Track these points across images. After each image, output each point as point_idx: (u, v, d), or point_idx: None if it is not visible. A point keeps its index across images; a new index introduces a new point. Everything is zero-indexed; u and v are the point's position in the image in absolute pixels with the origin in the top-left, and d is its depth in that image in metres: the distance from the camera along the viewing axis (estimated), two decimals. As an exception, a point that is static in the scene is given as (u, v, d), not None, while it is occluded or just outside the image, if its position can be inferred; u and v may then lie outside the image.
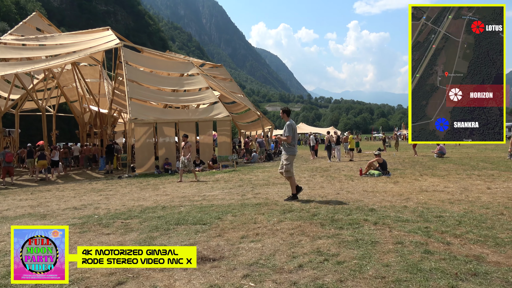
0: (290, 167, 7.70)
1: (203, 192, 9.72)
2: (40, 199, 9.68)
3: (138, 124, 16.59)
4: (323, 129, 79.58)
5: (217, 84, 23.23)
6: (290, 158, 7.71)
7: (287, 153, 7.70)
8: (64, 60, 16.70)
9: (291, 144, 7.64)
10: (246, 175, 14.06)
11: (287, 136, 7.60)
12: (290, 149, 7.70)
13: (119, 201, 8.59)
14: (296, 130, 7.82)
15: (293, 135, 7.64)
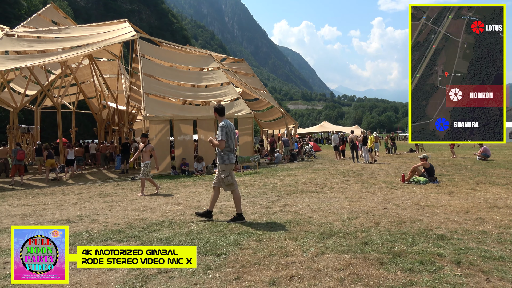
0: (231, 179, 6.21)
1: (221, 200, 8.32)
2: (38, 205, 8.54)
3: (153, 121, 15.40)
4: (346, 128, 77.11)
5: (238, 80, 21.85)
6: (228, 167, 6.21)
7: (222, 162, 6.20)
8: (77, 53, 15.71)
9: (226, 150, 6.18)
10: (270, 178, 12.60)
11: (219, 140, 6.11)
12: (225, 156, 6.19)
13: (122, 212, 7.30)
14: (234, 131, 6.31)
15: (229, 138, 6.17)
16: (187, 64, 19.83)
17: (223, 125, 6.14)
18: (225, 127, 6.12)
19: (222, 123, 6.17)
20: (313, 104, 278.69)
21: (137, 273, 3.84)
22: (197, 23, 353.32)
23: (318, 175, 13.32)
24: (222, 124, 6.15)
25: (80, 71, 24.16)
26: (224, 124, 6.15)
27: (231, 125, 6.27)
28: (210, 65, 20.27)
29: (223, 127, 6.12)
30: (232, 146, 6.26)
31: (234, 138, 6.30)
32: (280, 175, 13.70)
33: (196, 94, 19.20)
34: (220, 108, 6.33)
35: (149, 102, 15.95)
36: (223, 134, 6.08)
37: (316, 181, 11.40)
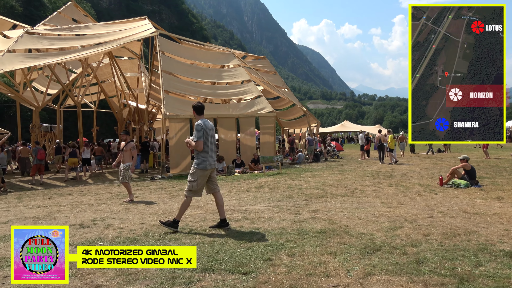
0: (196, 186, 5.52)
1: (244, 204, 7.71)
2: (53, 207, 8.15)
3: (172, 120, 14.96)
4: (367, 127, 75.23)
5: (260, 77, 21.23)
6: (198, 173, 5.51)
7: (195, 165, 5.57)
8: (97, 50, 15.44)
9: (203, 153, 5.49)
10: (294, 180, 11.91)
11: (196, 141, 5.44)
12: (199, 160, 5.52)
13: (139, 216, 6.79)
14: (212, 132, 5.62)
15: (207, 139, 5.47)
16: (207, 61, 19.35)
17: (199, 124, 5.43)
18: (201, 127, 5.41)
19: (199, 122, 5.48)
20: (333, 104, 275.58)
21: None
22: (217, 23, 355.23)
23: (345, 176, 12.54)
24: (198, 124, 5.45)
25: (101, 70, 24.10)
26: (201, 123, 5.44)
27: (209, 125, 5.58)
28: (231, 62, 19.72)
29: (199, 127, 5.41)
30: (211, 150, 5.55)
31: (213, 140, 5.61)
32: (304, 176, 12.99)
33: (217, 92, 18.69)
34: (198, 106, 5.67)
35: (168, 100, 15.53)
36: (200, 135, 5.39)
37: (345, 183, 10.65)
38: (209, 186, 5.78)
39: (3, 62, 13.29)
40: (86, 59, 19.86)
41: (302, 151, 21.61)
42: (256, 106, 18.07)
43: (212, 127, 5.64)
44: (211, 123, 5.71)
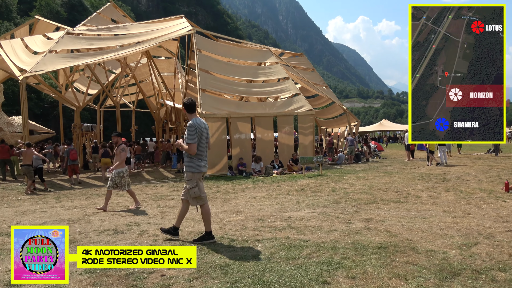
0: (198, 191, 5.00)
1: (287, 210, 7.09)
2: (89, 209, 7.94)
3: (209, 119, 14.59)
4: (405, 126, 71.97)
5: (298, 75, 20.49)
6: (195, 176, 4.98)
7: (189, 169, 4.99)
8: (134, 49, 15.40)
9: (196, 155, 4.94)
10: (338, 182, 11.13)
11: (188, 143, 4.85)
12: (192, 163, 4.97)
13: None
14: (206, 132, 5.05)
15: (200, 141, 4.94)
16: (244, 58, 18.89)
17: (192, 125, 4.88)
18: (194, 127, 4.86)
19: (190, 122, 4.92)
20: (370, 102, 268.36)
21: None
22: (251, 22, 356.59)
23: (393, 179, 11.59)
24: (190, 124, 4.89)
25: (139, 70, 24.34)
26: (193, 123, 4.89)
27: (202, 124, 5.02)
28: (268, 59, 19.14)
29: (192, 128, 4.86)
30: (204, 151, 5.04)
31: (206, 141, 5.05)
32: (348, 178, 12.16)
33: (253, 90, 18.20)
34: (189, 104, 5.08)
35: (205, 99, 15.20)
36: (192, 136, 4.84)
37: (394, 187, 9.75)
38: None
39: (45, 62, 13.50)
40: (125, 59, 20.04)
41: (343, 152, 20.64)
42: (294, 104, 17.39)
43: (206, 127, 5.09)
44: (205, 122, 5.14)
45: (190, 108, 5.08)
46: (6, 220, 6.93)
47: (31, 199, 9.70)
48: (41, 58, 13.59)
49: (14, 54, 15.20)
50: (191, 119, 5.00)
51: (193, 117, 5.04)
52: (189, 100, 5.13)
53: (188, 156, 4.98)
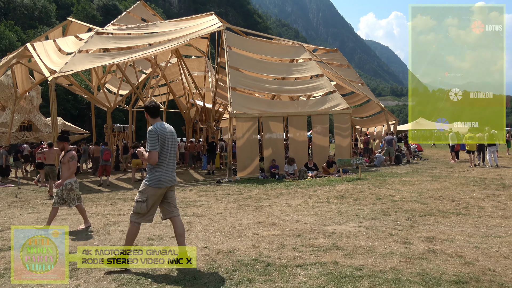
0: (145, 208, 4.23)
1: (329, 222, 6.19)
2: (112, 216, 7.39)
3: (240, 119, 13.88)
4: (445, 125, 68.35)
5: (332, 72, 19.40)
6: (149, 191, 4.24)
7: (146, 181, 4.29)
8: (163, 47, 14.95)
9: (157, 166, 4.24)
10: (381, 188, 10.06)
11: (149, 152, 4.16)
12: (151, 174, 4.27)
13: (202, 235, 5.62)
14: (171, 139, 4.36)
15: (163, 149, 4.24)
16: (276, 55, 18.03)
17: (152, 130, 4.21)
18: (155, 133, 4.19)
19: (151, 128, 4.24)
20: (404, 100, 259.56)
21: None
22: (282, 21, 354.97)
23: (444, 184, 10.37)
24: (151, 129, 4.22)
25: (169, 70, 24.07)
26: (154, 128, 4.22)
27: (166, 130, 4.32)
28: (301, 56, 18.18)
29: (152, 133, 4.19)
30: (168, 160, 4.31)
31: (172, 149, 4.35)
32: (391, 183, 11.04)
33: (286, 88, 17.31)
34: (152, 107, 4.38)
35: (235, 98, 14.50)
36: (153, 143, 4.15)
37: (449, 195, 8.59)
38: (165, 209, 4.49)
39: (74, 62, 13.29)
40: (155, 59, 19.75)
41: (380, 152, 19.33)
42: (329, 102, 16.36)
43: (171, 133, 4.39)
44: (170, 128, 4.45)
45: (153, 112, 4.39)
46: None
47: (56, 204, 9.34)
48: (70, 58, 13.39)
49: (46, 55, 15.16)
50: (153, 124, 4.31)
51: (156, 121, 4.36)
52: (151, 102, 4.43)
53: (149, 167, 4.27)
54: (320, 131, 15.55)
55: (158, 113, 4.43)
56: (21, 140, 28.42)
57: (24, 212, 8.22)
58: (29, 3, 65.16)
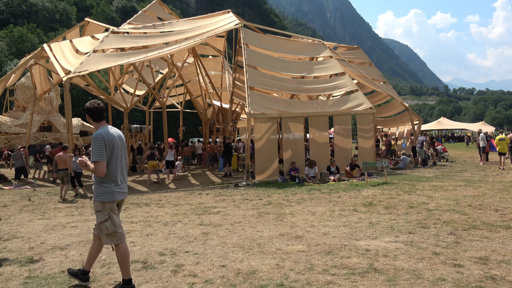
0: (112, 226, 3.70)
1: (360, 235, 5.53)
2: (124, 224, 6.92)
3: (259, 119, 13.31)
4: (469, 125, 66.15)
5: (354, 70, 18.61)
6: (107, 207, 3.70)
7: (98, 197, 3.72)
8: (179, 46, 14.52)
9: (107, 177, 3.68)
10: (411, 194, 9.31)
11: (94, 162, 3.62)
12: (102, 188, 3.70)
13: (219, 250, 5.06)
14: (120, 146, 3.78)
15: (112, 157, 3.69)
16: (295, 53, 17.38)
17: (98, 136, 3.63)
18: (101, 139, 3.62)
19: (96, 134, 3.67)
20: (424, 99, 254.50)
21: None
22: (299, 21, 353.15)
23: (480, 190, 9.52)
24: (97, 135, 3.65)
25: (186, 70, 23.74)
26: (100, 134, 3.65)
27: (114, 135, 3.75)
28: (322, 53, 17.47)
29: (98, 140, 3.62)
30: (119, 170, 3.78)
31: (122, 157, 3.80)
32: (421, 188, 10.25)
33: (306, 87, 16.64)
34: (94, 108, 3.76)
35: (253, 98, 13.93)
36: (99, 152, 3.60)
37: (490, 203, 7.78)
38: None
39: (89, 62, 12.99)
40: (172, 58, 19.39)
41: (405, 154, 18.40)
42: (351, 102, 15.62)
43: (120, 138, 3.84)
44: (119, 132, 3.88)
45: (95, 115, 3.78)
46: (31, 238, 6.07)
47: (67, 208, 8.98)
48: (85, 58, 13.10)
49: (62, 55, 14.96)
50: (97, 129, 3.74)
51: (100, 126, 3.77)
52: (94, 104, 3.79)
53: (98, 179, 3.71)
54: (342, 132, 14.83)
55: (102, 116, 3.82)
56: (41, 141, 28.69)
57: (34, 218, 7.86)
58: (50, 6, 66.39)
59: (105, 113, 3.89)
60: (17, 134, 27.44)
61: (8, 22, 56.60)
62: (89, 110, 3.78)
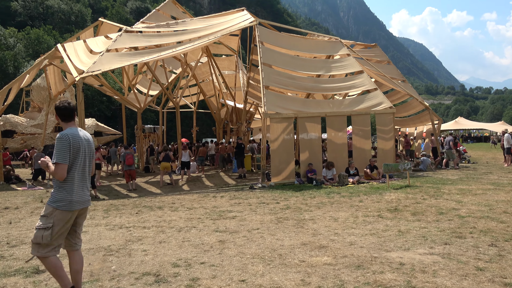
0: (49, 236, 3.27)
1: (390, 246, 5.07)
2: (136, 230, 6.60)
3: (275, 120, 12.89)
4: (486, 124, 64.39)
5: (372, 68, 18.02)
6: (56, 215, 3.30)
7: (51, 202, 3.34)
8: (193, 45, 14.22)
9: (66, 183, 3.35)
10: (438, 198, 8.75)
11: (55, 163, 3.30)
12: (59, 193, 3.35)
13: (237, 261, 4.67)
14: (86, 149, 3.49)
15: (76, 161, 3.39)
16: (311, 51, 16.89)
17: (63, 137, 3.34)
18: (65, 140, 3.34)
19: (61, 134, 3.36)
20: (439, 98, 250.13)
21: None
22: (312, 20, 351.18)
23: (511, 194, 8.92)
24: (61, 137, 3.34)
25: (199, 69, 23.48)
26: (65, 136, 3.36)
27: (81, 137, 3.47)
28: (339, 51, 16.94)
29: (63, 141, 3.32)
30: (82, 176, 3.47)
31: (87, 162, 3.51)
32: (447, 191, 9.68)
33: (323, 86, 16.16)
34: (63, 108, 3.48)
35: (269, 97, 13.52)
36: (62, 153, 3.30)
37: (527, 210, 7.20)
38: (68, 239, 3.54)
39: (102, 62, 12.78)
40: (185, 58, 19.14)
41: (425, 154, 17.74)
42: (369, 101, 15.06)
43: (88, 141, 3.55)
44: (87, 135, 3.61)
45: (65, 115, 3.48)
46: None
47: (79, 212, 8.73)
48: (98, 57, 12.90)
49: (76, 55, 14.82)
50: (65, 129, 3.46)
51: (68, 126, 3.49)
52: (63, 103, 3.50)
53: (56, 184, 3.39)
54: (360, 133, 14.30)
55: (72, 116, 3.52)
56: (56, 141, 28.84)
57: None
58: (66, 8, 67.27)
59: (75, 113, 3.59)
60: (32, 135, 27.61)
61: (25, 24, 57.55)
62: (58, 109, 3.50)
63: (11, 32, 48.23)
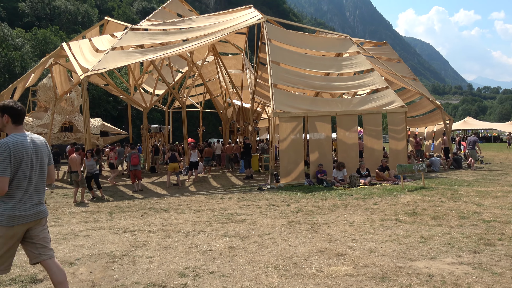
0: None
1: (414, 254, 4.68)
2: (141, 234, 6.28)
3: (283, 119, 12.53)
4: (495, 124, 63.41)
5: (383, 67, 17.58)
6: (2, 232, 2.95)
7: None
8: (199, 43, 13.90)
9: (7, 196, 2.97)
10: (457, 201, 8.33)
11: None
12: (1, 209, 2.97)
13: (249, 269, 4.32)
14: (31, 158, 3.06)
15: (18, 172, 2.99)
16: (320, 49, 16.49)
17: (2, 146, 2.93)
18: (5, 151, 2.92)
19: (1, 142, 2.96)
20: (446, 98, 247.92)
21: None
22: (318, 20, 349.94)
23: (536, 198, 8.46)
24: (1, 145, 2.93)
25: (206, 68, 23.17)
26: (5, 145, 2.94)
27: (26, 145, 3.05)
28: (349, 49, 16.52)
29: (1, 151, 2.92)
30: (26, 189, 3.04)
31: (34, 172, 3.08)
32: (465, 194, 9.25)
33: (333, 84, 15.76)
34: (9, 107, 3.05)
35: (277, 96, 13.15)
36: (2, 166, 2.91)
37: (555, 214, 6.76)
38: (29, 252, 3.16)
39: (107, 60, 12.52)
40: (191, 56, 18.84)
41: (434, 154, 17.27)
42: (380, 100, 14.62)
43: (36, 149, 3.13)
44: (36, 140, 3.18)
45: (17, 117, 3.09)
46: (40, 249, 5.48)
47: (82, 213, 8.44)
48: (103, 56, 12.64)
49: (81, 54, 14.60)
50: (9, 135, 3.06)
51: (15, 131, 3.09)
52: (5, 103, 3.08)
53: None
54: (372, 133, 13.88)
55: (20, 119, 3.12)
56: (62, 141, 28.74)
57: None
58: (73, 9, 67.48)
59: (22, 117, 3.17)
60: (39, 135, 27.55)
61: (32, 25, 57.78)
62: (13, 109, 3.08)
63: (19, 32, 48.39)
